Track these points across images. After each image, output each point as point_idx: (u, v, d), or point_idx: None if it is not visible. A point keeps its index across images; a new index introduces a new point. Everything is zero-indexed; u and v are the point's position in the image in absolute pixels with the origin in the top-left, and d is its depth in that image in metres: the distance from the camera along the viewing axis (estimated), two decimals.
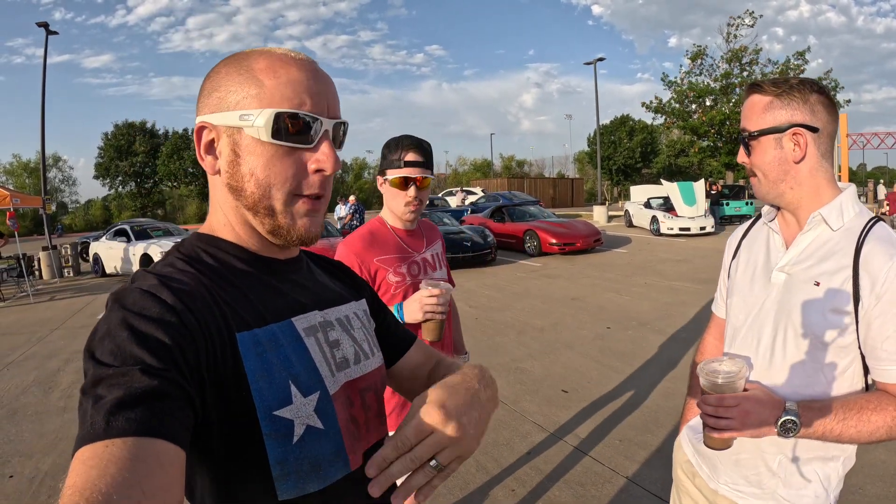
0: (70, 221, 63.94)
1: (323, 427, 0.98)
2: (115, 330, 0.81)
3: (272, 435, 0.91)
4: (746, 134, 1.58)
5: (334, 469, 1.00)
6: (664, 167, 51.55)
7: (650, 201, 23.37)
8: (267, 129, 0.93)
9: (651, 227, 21.60)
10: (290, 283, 1.10)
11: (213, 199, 1.05)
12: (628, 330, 8.01)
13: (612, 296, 10.50)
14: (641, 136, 53.80)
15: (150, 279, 0.90)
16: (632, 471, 4.09)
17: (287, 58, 0.98)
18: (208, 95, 0.99)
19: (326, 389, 1.01)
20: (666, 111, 33.02)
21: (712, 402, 1.43)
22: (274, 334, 0.98)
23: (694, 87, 31.97)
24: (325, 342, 1.07)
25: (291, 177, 0.98)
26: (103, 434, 0.69)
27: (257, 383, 0.91)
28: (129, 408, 0.72)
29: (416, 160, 2.41)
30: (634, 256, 15.61)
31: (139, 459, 0.69)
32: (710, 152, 33.79)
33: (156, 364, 0.78)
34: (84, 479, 0.66)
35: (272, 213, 0.99)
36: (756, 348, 1.62)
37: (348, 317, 1.19)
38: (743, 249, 1.82)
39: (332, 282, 1.26)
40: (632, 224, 24.52)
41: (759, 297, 1.64)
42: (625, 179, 53.40)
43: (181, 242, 1.05)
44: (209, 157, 1.00)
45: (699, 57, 32.01)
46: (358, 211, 19.19)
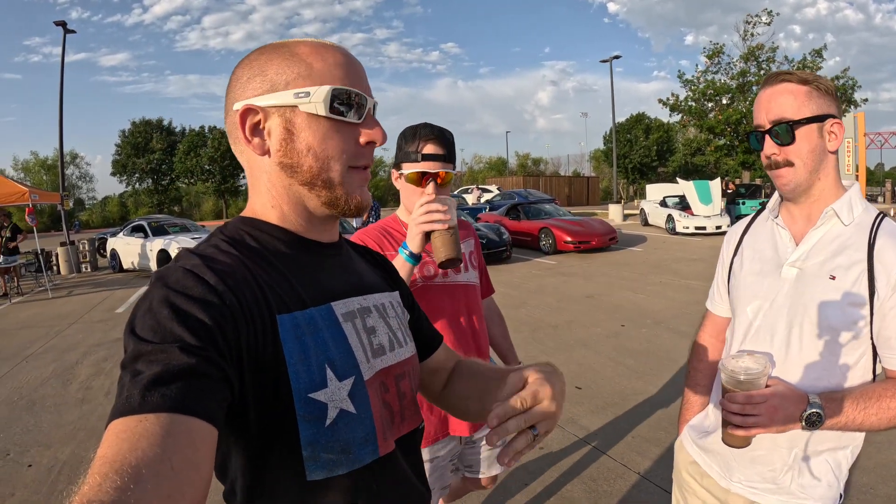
0: (87, 218, 64.53)
1: (356, 412, 1.00)
2: (156, 307, 0.83)
3: (306, 417, 0.93)
4: (789, 122, 1.54)
5: (364, 453, 1.01)
6: (680, 166, 51.26)
7: (666, 200, 23.26)
8: (325, 104, 0.98)
9: (667, 225, 21.50)
10: (331, 266, 1.13)
11: (257, 182, 1.07)
12: (643, 328, 7.98)
13: (628, 294, 10.47)
14: (658, 134, 53.46)
15: (194, 259, 0.93)
16: (644, 467, 4.09)
17: (326, 44, 1.04)
18: (249, 81, 1.02)
19: (361, 375, 1.03)
20: (682, 109, 32.82)
21: (740, 399, 1.43)
22: (313, 318, 1.00)
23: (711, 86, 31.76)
24: (362, 328, 1.09)
25: (346, 148, 1.03)
26: (138, 408, 0.71)
27: (295, 366, 0.93)
28: (165, 384, 0.74)
29: (436, 153, 2.16)
30: (650, 255, 15.56)
31: (170, 435, 0.70)
32: (727, 151, 33.50)
33: (195, 343, 0.80)
34: (115, 450, 0.67)
35: (330, 184, 1.03)
36: (770, 343, 1.62)
37: (384, 305, 1.21)
38: (746, 245, 1.81)
39: (371, 269, 1.29)
40: (647, 223, 24.41)
41: (770, 293, 1.64)
42: (641, 178, 53.10)
43: (225, 225, 1.08)
44: (257, 140, 1.02)
45: (716, 55, 31.78)
46: (374, 208, 19.17)
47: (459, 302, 2.31)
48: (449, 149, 2.19)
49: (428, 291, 2.24)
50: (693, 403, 2.02)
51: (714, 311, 1.98)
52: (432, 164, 2.15)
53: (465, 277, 2.35)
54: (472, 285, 2.37)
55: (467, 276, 2.36)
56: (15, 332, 9.78)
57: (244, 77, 1.03)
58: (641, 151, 53.38)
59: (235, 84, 1.03)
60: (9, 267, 13.82)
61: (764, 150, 1.61)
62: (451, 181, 2.22)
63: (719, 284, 1.93)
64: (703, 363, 2.00)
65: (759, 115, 1.60)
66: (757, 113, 1.62)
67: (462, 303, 2.32)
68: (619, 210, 29.18)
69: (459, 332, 2.29)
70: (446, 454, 2.33)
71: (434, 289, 2.26)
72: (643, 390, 5.59)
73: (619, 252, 16.41)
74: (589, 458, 4.29)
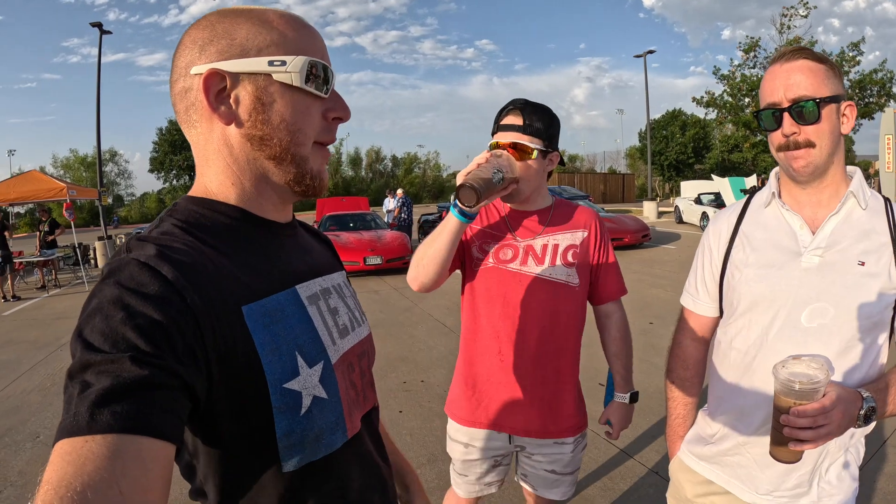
0: (126, 214, 65.59)
1: (327, 397, 0.98)
2: (108, 308, 0.76)
3: (281, 408, 0.90)
4: (815, 99, 1.44)
5: (335, 437, 1.00)
6: (717, 163, 50.44)
7: (701, 197, 22.89)
8: (301, 75, 0.94)
9: (701, 223, 21.20)
10: (290, 247, 1.09)
11: (215, 158, 0.98)
12: (672, 326, 7.78)
13: (658, 292, 10.35)
14: (694, 130, 52.56)
15: (149, 248, 0.84)
16: (664, 468, 4.00)
17: (294, 14, 1.00)
18: (211, 44, 0.93)
19: (329, 358, 1.01)
20: (718, 105, 32.31)
21: (811, 413, 1.30)
22: (280, 304, 0.96)
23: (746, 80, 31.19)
24: (326, 310, 1.07)
25: (316, 123, 1.00)
26: (86, 428, 0.67)
27: (267, 357, 0.89)
28: (115, 400, 0.69)
29: (512, 123, 2.03)
30: (682, 253, 15.33)
31: (118, 457, 0.66)
32: (764, 147, 32.94)
33: (149, 350, 0.74)
34: (60, 475, 0.64)
35: (299, 160, 0.99)
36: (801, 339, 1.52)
37: (340, 284, 1.20)
38: (748, 234, 1.67)
39: (322, 248, 1.26)
40: (682, 220, 24.08)
41: (791, 285, 1.53)
42: (677, 175, 52.31)
43: (174, 207, 0.99)
44: (223, 108, 0.94)
45: (753, 49, 31.17)
46: (406, 204, 19.22)
47: (531, 295, 2.10)
48: (531, 121, 2.02)
49: (495, 275, 2.12)
50: (685, 416, 1.91)
51: (696, 311, 1.85)
52: (504, 133, 2.04)
53: (545, 271, 2.11)
54: (554, 281, 2.11)
55: (551, 270, 2.12)
56: (51, 323, 10.04)
57: (202, 40, 0.94)
58: (677, 148, 52.59)
59: (191, 47, 0.94)
60: (47, 260, 14.09)
61: (783, 129, 1.49)
62: (533, 157, 2.02)
63: (706, 280, 1.79)
64: (690, 370, 1.89)
65: (775, 92, 1.50)
66: (771, 90, 1.51)
67: (534, 297, 2.10)
68: (653, 207, 28.83)
69: (522, 328, 2.10)
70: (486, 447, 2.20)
71: (504, 275, 2.11)
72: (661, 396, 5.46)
73: (652, 249, 16.21)
74: (607, 457, 4.24)
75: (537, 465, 2.22)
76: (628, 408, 2.30)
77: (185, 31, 0.98)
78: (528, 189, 2.08)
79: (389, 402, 5.51)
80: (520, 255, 2.12)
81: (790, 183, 1.59)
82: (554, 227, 2.16)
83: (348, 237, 14.21)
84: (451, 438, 2.29)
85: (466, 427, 2.20)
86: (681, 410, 1.91)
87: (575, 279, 2.14)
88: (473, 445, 2.20)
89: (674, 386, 1.92)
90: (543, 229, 2.15)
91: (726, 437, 1.69)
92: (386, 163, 78.61)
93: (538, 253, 2.12)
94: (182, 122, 0.99)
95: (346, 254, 13.19)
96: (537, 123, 2.02)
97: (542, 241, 2.14)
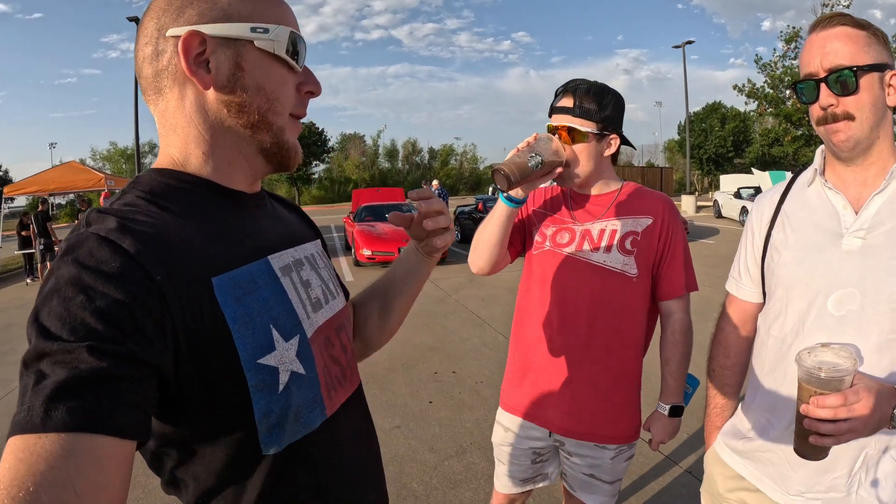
0: None
1: (304, 372, 0.95)
2: (65, 290, 0.71)
3: (258, 386, 0.87)
4: (853, 68, 1.34)
5: (313, 416, 0.97)
6: (757, 157, 49.48)
7: (740, 191, 22.41)
8: (284, 45, 0.94)
9: (740, 217, 20.80)
10: (260, 217, 1.05)
11: (186, 126, 0.94)
12: (710, 322, 7.61)
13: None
14: (734, 124, 51.56)
15: (109, 221, 0.79)
16: (698, 468, 3.92)
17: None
18: (188, 6, 0.89)
19: (305, 332, 0.98)
20: (759, 96, 31.65)
21: (831, 403, 1.21)
22: (252, 275, 0.92)
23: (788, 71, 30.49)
24: (298, 282, 1.03)
25: (292, 95, 0.98)
26: (39, 425, 0.64)
27: (240, 331, 0.85)
28: (71, 395, 0.66)
29: (565, 105, 1.94)
30: (720, 247, 15.09)
31: (73, 457, 0.64)
32: (806, 141, 32.20)
33: (110, 335, 0.70)
34: (12, 474, 0.62)
35: (274, 129, 0.97)
36: (837, 328, 1.41)
37: (314, 255, 1.16)
38: (789, 215, 1.58)
39: (295, 218, 1.23)
40: (721, 215, 23.66)
41: (830, 269, 1.43)
42: (716, 169, 51.41)
43: (137, 179, 0.94)
44: (201, 71, 0.90)
45: (794, 39, 30.45)
46: (442, 195, 19.23)
47: (583, 282, 1.99)
48: (585, 102, 1.92)
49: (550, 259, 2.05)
50: (723, 407, 1.82)
51: (739, 296, 1.76)
52: (555, 116, 1.97)
53: (600, 258, 1.99)
54: (609, 269, 1.98)
55: (606, 256, 1.99)
56: None
57: (179, 1, 0.90)
58: (717, 142, 51.63)
59: (167, 9, 0.90)
60: None
61: (819, 102, 1.40)
62: (586, 140, 1.93)
63: (748, 264, 1.70)
64: (731, 359, 1.79)
65: (812, 62, 1.40)
66: (808, 60, 1.42)
67: (586, 284, 1.99)
68: (692, 201, 28.38)
69: (573, 318, 2.00)
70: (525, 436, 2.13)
71: (559, 259, 2.03)
72: (705, 387, 5.33)
73: (691, 244, 15.66)
74: (639, 454, 4.14)
75: (575, 466, 2.13)
76: (669, 421, 2.12)
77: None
78: (583, 173, 1.98)
79: (420, 392, 5.50)
80: (576, 239, 2.03)
81: (834, 160, 1.50)
82: (616, 212, 2.04)
83: (383, 228, 14.21)
84: (497, 421, 2.25)
85: (509, 413, 2.16)
86: (719, 400, 1.83)
87: (633, 269, 1.99)
88: (513, 431, 2.15)
89: (714, 374, 1.84)
90: (604, 213, 2.04)
91: (760, 433, 1.61)
92: (423, 155, 78.63)
93: (595, 238, 2.01)
94: (147, 89, 0.94)
95: (381, 244, 13.20)
96: (589, 105, 1.92)
97: (601, 226, 2.02)
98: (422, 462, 4.18)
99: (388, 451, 4.33)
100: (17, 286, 14.13)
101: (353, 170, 68.19)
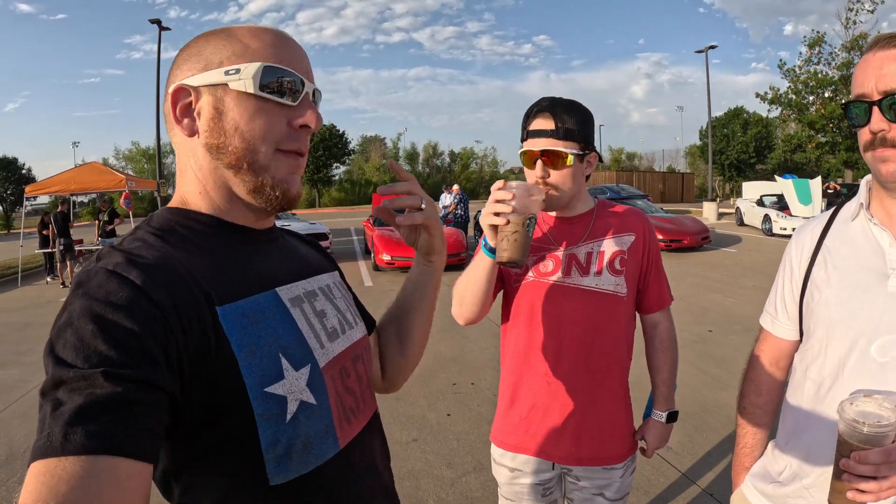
0: None
1: (316, 402, 0.95)
2: (77, 321, 0.74)
3: (265, 415, 0.87)
4: None
5: (325, 447, 0.96)
6: (779, 163, 48.95)
7: (763, 199, 22.13)
8: (255, 81, 0.93)
9: (763, 226, 20.53)
10: (269, 252, 1.07)
11: (185, 168, 1.01)
12: (731, 335, 7.59)
13: (717, 297, 10.00)
14: (756, 129, 50.93)
15: (117, 257, 0.83)
16: (719, 486, 3.83)
17: (267, 27, 1.01)
18: (184, 62, 0.98)
19: (316, 362, 0.98)
20: (782, 102, 31.29)
21: (875, 459, 1.14)
22: (259, 305, 0.94)
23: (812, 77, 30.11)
24: (311, 313, 1.04)
25: (276, 130, 0.97)
26: (60, 449, 0.66)
27: (245, 359, 0.86)
28: (89, 419, 0.68)
29: (542, 128, 1.83)
30: (743, 257, 14.86)
31: (93, 479, 0.66)
32: (829, 148, 31.76)
33: (123, 361, 0.72)
34: (34, 496, 0.64)
35: (256, 168, 0.97)
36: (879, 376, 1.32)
37: (329, 286, 1.18)
38: (831, 250, 1.48)
39: (309, 250, 1.25)
40: (743, 222, 23.35)
41: (875, 311, 1.34)
42: (737, 175, 50.89)
43: (150, 217, 1.00)
44: (186, 120, 0.97)
45: (817, 44, 30.07)
46: (462, 200, 19.19)
47: (576, 309, 1.92)
48: (563, 122, 1.81)
49: (536, 290, 1.95)
50: (753, 447, 1.73)
51: (774, 332, 1.66)
52: (537, 140, 1.83)
53: (591, 281, 1.92)
54: (601, 292, 1.92)
55: (597, 279, 1.92)
56: None
57: (181, 59, 0.99)
58: (739, 147, 51.13)
59: (174, 68, 1.00)
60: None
61: (870, 125, 1.29)
62: (567, 164, 1.82)
63: (786, 300, 1.60)
64: (763, 397, 1.71)
65: (866, 82, 1.30)
66: (862, 80, 1.31)
67: (580, 311, 1.92)
68: (713, 208, 28.08)
69: (569, 347, 1.93)
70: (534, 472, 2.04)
71: (546, 289, 1.94)
72: (726, 403, 5.27)
73: (712, 252, 15.76)
74: (659, 474, 4.07)
75: (584, 489, 2.06)
76: (665, 427, 2.12)
77: None
78: (568, 197, 1.91)
79: (437, 405, 5.44)
80: (562, 266, 1.94)
81: (881, 192, 1.40)
82: (598, 233, 1.97)
83: None
84: (495, 462, 2.16)
85: (511, 453, 2.07)
86: (749, 440, 1.75)
87: (623, 288, 1.95)
88: (521, 470, 2.06)
89: (745, 412, 1.75)
90: (586, 235, 1.96)
91: (793, 478, 1.52)
92: (443, 158, 78.51)
93: (582, 262, 1.94)
94: (169, 137, 1.03)
95: (401, 249, 13.13)
96: (570, 124, 1.82)
97: (586, 249, 1.95)
98: (438, 478, 4.13)
99: (404, 465, 4.29)
100: (38, 285, 14.33)
101: (374, 172, 68.28)
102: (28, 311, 10.95)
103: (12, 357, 7.66)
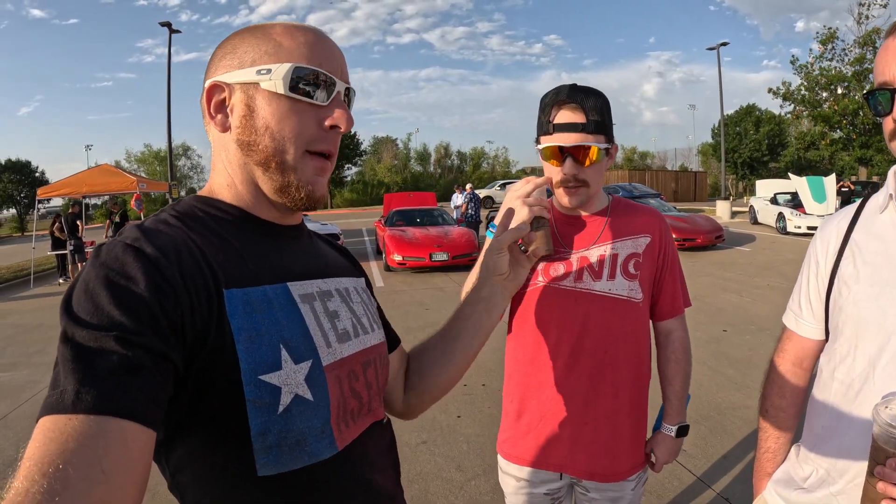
0: None
1: (313, 399, 0.94)
2: (94, 287, 0.78)
3: (256, 402, 0.88)
4: None
5: (320, 447, 0.96)
6: (793, 161, 48.53)
7: (777, 197, 21.97)
8: (285, 82, 0.96)
9: (777, 224, 20.36)
10: (289, 248, 1.09)
11: (217, 161, 1.05)
12: (746, 335, 7.49)
13: (732, 297, 9.88)
14: (769, 127, 50.58)
15: (136, 233, 0.87)
16: (734, 490, 3.76)
17: (302, 25, 1.02)
18: (221, 59, 1.01)
19: (319, 359, 0.98)
20: (795, 98, 31.02)
21: None
22: (266, 295, 0.95)
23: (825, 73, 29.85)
24: (322, 311, 1.04)
25: (306, 131, 0.99)
26: (70, 407, 0.69)
27: (244, 343, 0.88)
28: (100, 380, 0.71)
29: (571, 121, 1.69)
30: (757, 256, 14.71)
31: (101, 437, 0.68)
32: (843, 145, 31.47)
33: (134, 328, 0.75)
34: (43, 451, 0.66)
35: (284, 168, 0.99)
36: None
37: (348, 289, 1.17)
38: (860, 245, 1.41)
39: (334, 255, 1.26)
40: (756, 221, 23.18)
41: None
42: (750, 173, 50.53)
43: (177, 202, 1.04)
44: (220, 116, 1.01)
45: (830, 40, 29.80)
46: (474, 200, 19.19)
47: (589, 316, 1.81)
48: (593, 116, 1.69)
49: (546, 295, 1.85)
50: (776, 451, 1.65)
51: (798, 332, 1.58)
52: (567, 135, 1.69)
53: (604, 286, 1.82)
54: (615, 298, 1.82)
55: (611, 284, 1.82)
56: None
57: (217, 56, 1.02)
58: (751, 145, 50.81)
59: (211, 63, 1.03)
60: None
61: (894, 114, 1.21)
62: (599, 159, 1.72)
63: (811, 297, 1.53)
64: (787, 399, 1.63)
65: (888, 69, 1.22)
66: (884, 67, 1.23)
67: (593, 318, 1.81)
68: (726, 207, 27.89)
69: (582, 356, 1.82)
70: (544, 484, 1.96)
71: (558, 294, 1.83)
72: (742, 404, 5.18)
73: (726, 251, 15.62)
74: (673, 478, 3.99)
75: (595, 501, 1.97)
76: (675, 442, 1.99)
77: None
78: (594, 193, 1.82)
79: (448, 406, 5.38)
80: (573, 270, 1.83)
81: None
82: (612, 234, 1.86)
83: (414, 233, 14.18)
84: (502, 471, 2.08)
85: (519, 465, 1.98)
86: (771, 444, 1.67)
87: (638, 294, 1.84)
88: (528, 480, 1.98)
89: (767, 415, 1.67)
90: (599, 236, 1.85)
91: (819, 485, 1.45)
92: (454, 158, 78.39)
93: (594, 265, 1.83)
94: (206, 131, 1.06)
95: (412, 249, 13.15)
96: (597, 116, 1.70)
97: (599, 252, 1.84)
98: (448, 480, 4.07)
99: (413, 468, 4.24)
100: (50, 287, 14.38)
101: (386, 173, 68.30)
102: (39, 313, 10.99)
103: (23, 358, 7.70)
